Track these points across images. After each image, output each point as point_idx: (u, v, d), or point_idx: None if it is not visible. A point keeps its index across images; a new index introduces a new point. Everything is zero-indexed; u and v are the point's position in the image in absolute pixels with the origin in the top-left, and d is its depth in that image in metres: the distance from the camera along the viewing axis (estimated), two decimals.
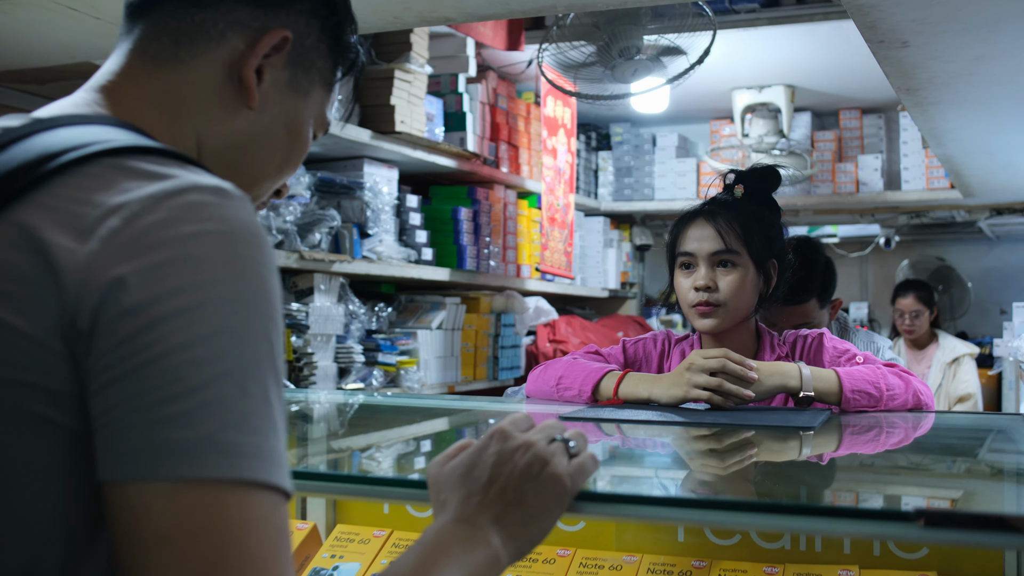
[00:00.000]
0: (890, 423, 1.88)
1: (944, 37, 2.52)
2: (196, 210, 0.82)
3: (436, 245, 4.51)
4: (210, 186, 0.85)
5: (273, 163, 1.11)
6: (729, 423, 1.72)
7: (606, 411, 1.87)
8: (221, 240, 0.81)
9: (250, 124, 1.06)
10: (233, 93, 1.04)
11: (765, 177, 2.22)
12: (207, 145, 1.04)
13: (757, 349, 2.21)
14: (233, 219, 0.83)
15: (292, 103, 1.10)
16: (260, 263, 0.83)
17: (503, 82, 5.06)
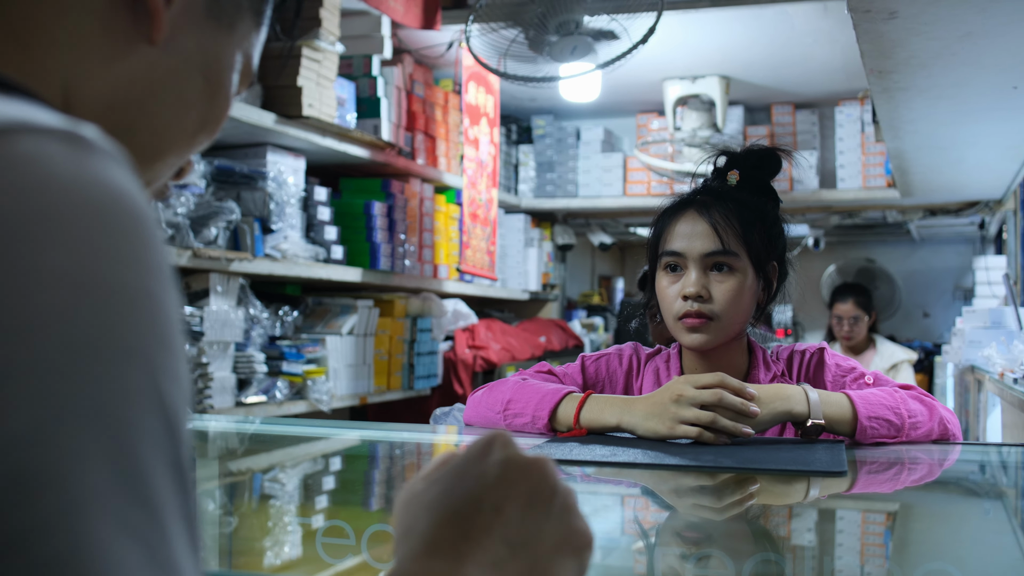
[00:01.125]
0: (915, 459, 1.55)
1: (938, 7, 2.23)
2: (21, 170, 0.47)
3: (347, 243, 4.10)
4: (51, 128, 0.49)
5: (184, 125, 0.73)
6: (735, 466, 1.36)
7: (572, 447, 1.49)
8: (71, 227, 0.47)
9: (150, 66, 0.68)
10: (124, 19, 0.66)
11: (764, 161, 1.85)
12: (82, 95, 0.66)
13: (749, 367, 1.85)
14: (94, 186, 0.48)
15: (212, 38, 0.73)
16: (141, 265, 0.49)
17: (420, 67, 4.67)
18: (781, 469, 1.35)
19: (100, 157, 0.50)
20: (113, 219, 0.48)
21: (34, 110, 0.51)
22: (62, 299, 0.45)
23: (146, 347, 0.48)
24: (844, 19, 4.13)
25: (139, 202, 0.50)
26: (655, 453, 1.43)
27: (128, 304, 0.48)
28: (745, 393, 1.55)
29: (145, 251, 0.49)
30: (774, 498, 1.37)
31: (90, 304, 0.46)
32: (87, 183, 0.48)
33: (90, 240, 0.47)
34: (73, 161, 0.48)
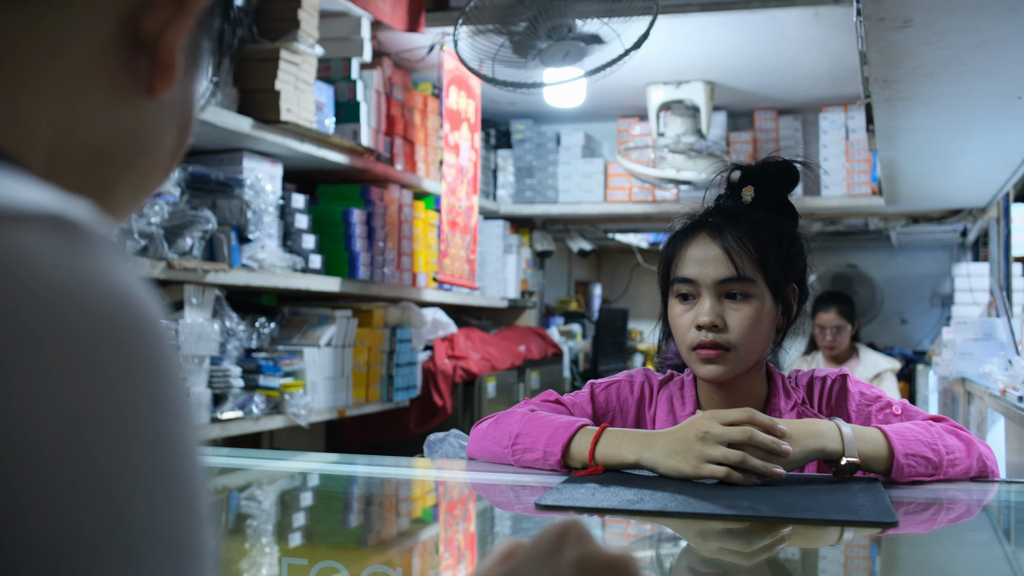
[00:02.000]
0: (954, 499, 1.45)
1: (955, 15, 2.14)
2: (2, 275, 0.37)
3: (325, 251, 3.97)
4: (35, 214, 0.40)
5: (157, 176, 0.64)
6: (776, 515, 1.26)
7: (594, 491, 1.38)
8: (68, 349, 0.38)
9: (143, 119, 0.59)
10: (126, 65, 0.56)
11: (780, 175, 1.73)
12: (69, 147, 0.55)
13: (768, 395, 1.74)
14: (93, 294, 0.40)
15: (187, 83, 0.63)
16: (152, 392, 0.40)
17: (398, 70, 4.54)
18: (827, 519, 1.25)
19: (95, 250, 0.40)
20: (118, 336, 0.38)
21: (11, 183, 0.39)
22: (59, 439, 0.35)
23: (158, 487, 0.38)
24: (835, 25, 4.07)
25: (145, 308, 0.40)
26: (685, 498, 1.32)
27: (136, 443, 0.38)
28: (776, 430, 1.45)
29: (155, 374, 0.40)
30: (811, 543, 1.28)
31: (93, 446, 0.36)
32: (85, 289, 0.38)
33: (92, 365, 0.37)
34: (66, 260, 0.38)
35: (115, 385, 0.37)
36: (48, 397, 0.35)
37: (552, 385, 5.80)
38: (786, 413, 1.70)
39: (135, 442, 0.38)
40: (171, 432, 0.40)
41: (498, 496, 1.46)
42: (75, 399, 0.36)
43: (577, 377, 6.22)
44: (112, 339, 0.38)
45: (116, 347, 0.38)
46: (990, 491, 1.53)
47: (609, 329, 6.54)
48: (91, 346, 0.37)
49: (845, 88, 5.01)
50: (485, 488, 1.52)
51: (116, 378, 0.38)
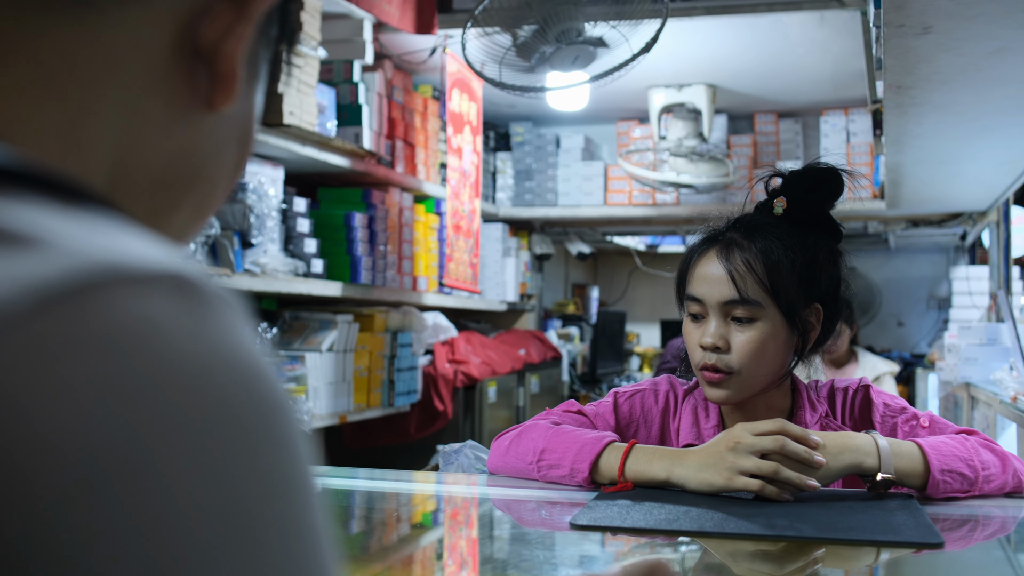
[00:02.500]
0: (989, 515, 1.43)
1: (975, 22, 2.12)
2: (127, 348, 0.34)
3: (326, 255, 3.93)
4: (152, 274, 0.36)
5: (221, 189, 0.59)
6: (820, 536, 1.23)
7: (628, 509, 1.35)
8: (204, 433, 0.34)
9: (205, 135, 0.54)
10: (185, 79, 0.52)
11: (821, 183, 1.65)
12: (131, 171, 0.51)
13: (793, 409, 1.71)
14: (221, 366, 0.36)
15: (247, 95, 0.59)
16: (287, 466, 0.37)
17: (398, 73, 4.51)
18: (871, 540, 1.23)
19: (220, 315, 0.36)
20: (254, 414, 0.35)
21: (121, 236, 0.36)
22: (203, 535, 0.32)
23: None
24: (840, 29, 4.05)
25: (273, 379, 0.37)
26: (722, 517, 1.30)
27: (280, 537, 0.35)
28: (809, 441, 1.42)
29: (291, 454, 0.37)
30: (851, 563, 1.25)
31: (238, 542, 0.33)
32: (217, 362, 0.35)
33: (232, 450, 0.34)
34: (194, 328, 0.35)
35: (257, 472, 0.34)
36: (187, 491, 0.32)
37: (551, 389, 5.77)
38: (811, 426, 1.66)
39: (274, 533, 0.35)
40: (309, 516, 0.37)
41: (528, 514, 1.44)
42: (215, 492, 0.33)
43: (575, 380, 6.20)
44: (250, 419, 0.35)
45: (254, 428, 0.35)
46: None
47: (607, 332, 6.52)
48: (231, 428, 0.34)
49: (847, 91, 4.99)
50: (511, 505, 1.50)
51: (257, 464, 0.35)
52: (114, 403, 0.32)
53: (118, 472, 0.31)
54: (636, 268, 7.31)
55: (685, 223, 5.92)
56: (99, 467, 0.31)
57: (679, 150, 4.94)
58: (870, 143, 5.16)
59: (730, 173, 5.10)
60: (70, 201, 0.38)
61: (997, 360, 3.94)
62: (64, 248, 0.34)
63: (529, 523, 1.40)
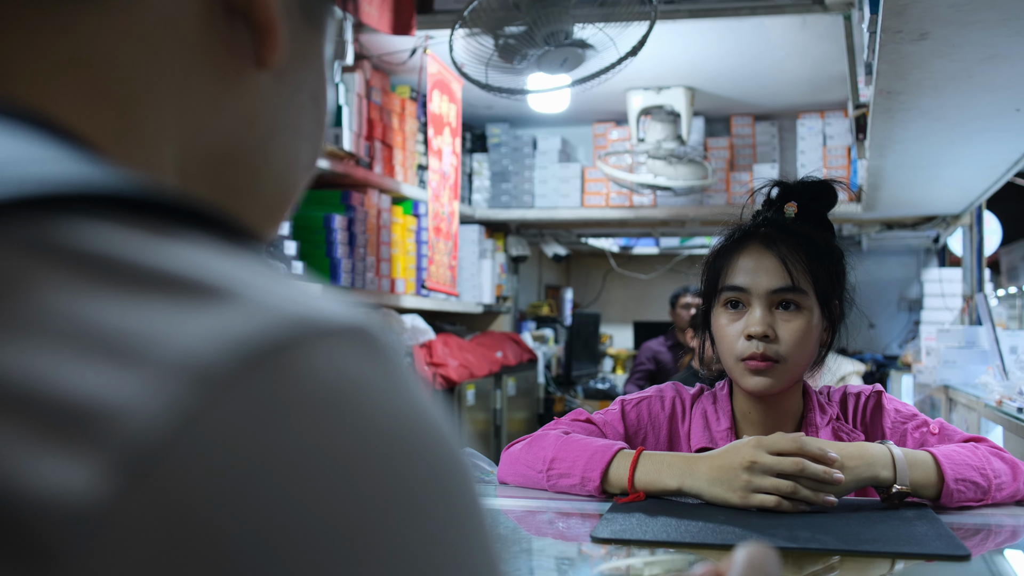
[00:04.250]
0: (1001, 524, 1.43)
1: (971, 29, 2.13)
2: (335, 410, 0.32)
3: (306, 258, 3.89)
4: (343, 327, 0.34)
5: (302, 162, 0.55)
6: (845, 548, 1.22)
7: (644, 522, 1.34)
8: (410, 504, 0.32)
9: (264, 98, 0.50)
10: (225, 41, 0.48)
11: (821, 194, 1.71)
12: (195, 155, 0.48)
13: (804, 411, 1.71)
14: (414, 429, 0.34)
15: (311, 46, 0.54)
16: (477, 528, 0.35)
17: (377, 73, 4.47)
18: (899, 552, 1.22)
19: (396, 366, 0.34)
20: (446, 476, 0.34)
21: (294, 283, 0.35)
22: None
23: None
24: (821, 33, 4.06)
25: (451, 433, 0.35)
26: (743, 531, 1.28)
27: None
28: (827, 458, 1.41)
29: (477, 514, 0.35)
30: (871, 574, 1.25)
31: None
32: (407, 421, 0.33)
33: (433, 515, 0.33)
34: (380, 384, 0.33)
35: (458, 533, 0.33)
36: (410, 561, 0.30)
37: (528, 391, 5.76)
38: (821, 428, 1.67)
39: None
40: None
41: (544, 527, 1.41)
42: (430, 559, 0.31)
43: (550, 382, 6.18)
44: (446, 480, 0.33)
45: (450, 489, 0.33)
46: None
47: (582, 334, 6.51)
48: (433, 491, 0.32)
49: (824, 95, 5.02)
50: (524, 517, 1.48)
51: (457, 526, 0.33)
52: (329, 473, 0.30)
53: (342, 546, 0.29)
54: (610, 270, 7.31)
55: (662, 225, 5.93)
56: (325, 539, 0.29)
57: (657, 152, 4.94)
58: (847, 146, 5.19)
59: (708, 175, 5.11)
60: (225, 238, 0.36)
61: (976, 363, 3.97)
62: (255, 301, 0.32)
63: (548, 535, 1.38)
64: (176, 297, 0.31)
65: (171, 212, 0.36)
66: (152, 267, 0.32)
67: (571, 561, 1.25)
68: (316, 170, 3.01)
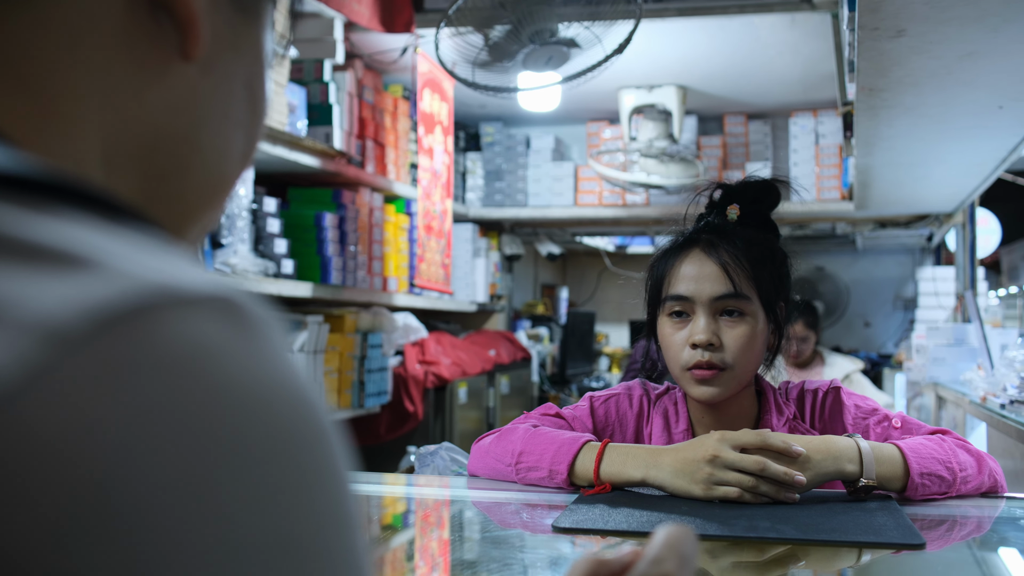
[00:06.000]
0: (967, 516, 1.44)
1: (949, 26, 2.14)
2: (186, 373, 0.33)
3: (297, 256, 3.91)
4: (200, 295, 0.35)
5: (236, 150, 0.56)
6: (803, 538, 1.23)
7: (607, 513, 1.35)
8: (258, 466, 0.34)
9: (191, 88, 0.52)
10: (148, 34, 0.49)
11: (763, 194, 1.71)
12: (121, 145, 0.49)
13: (760, 413, 1.72)
14: (274, 393, 0.35)
15: (244, 35, 0.55)
16: (334, 493, 0.36)
17: (369, 72, 4.48)
18: (855, 541, 1.23)
19: (263, 336, 0.36)
20: (303, 442, 0.35)
21: (163, 254, 0.36)
22: (257, 562, 0.31)
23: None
24: (810, 31, 4.07)
25: (319, 403, 0.37)
26: (704, 521, 1.30)
27: (328, 563, 0.35)
28: (791, 452, 1.42)
29: (337, 480, 0.36)
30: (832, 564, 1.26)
31: (290, 570, 0.33)
32: (267, 389, 0.34)
33: (282, 479, 0.34)
34: (240, 351, 0.34)
35: (308, 499, 0.34)
36: (251, 518, 0.32)
37: (521, 390, 5.77)
38: (778, 430, 1.67)
39: (328, 563, 0.34)
40: (354, 546, 0.36)
41: (509, 517, 1.43)
42: (273, 518, 0.32)
43: (545, 381, 6.19)
44: (301, 446, 0.34)
45: (306, 455, 0.34)
46: (1000, 507, 1.52)
47: (577, 333, 6.52)
48: (285, 456, 0.34)
49: (816, 93, 5.03)
50: (492, 508, 1.49)
51: (308, 492, 0.34)
52: (176, 430, 0.31)
53: (179, 498, 0.30)
54: (605, 269, 7.32)
55: (655, 224, 5.93)
56: (161, 492, 0.30)
57: (649, 151, 4.95)
58: (839, 144, 5.20)
59: (700, 174, 5.12)
60: (107, 215, 0.38)
61: (964, 360, 3.98)
62: (117, 269, 0.33)
63: (510, 526, 1.39)
64: (40, 265, 0.33)
65: (50, 190, 0.37)
66: (19, 238, 0.33)
67: (531, 549, 1.26)
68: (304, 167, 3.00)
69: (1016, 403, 2.72)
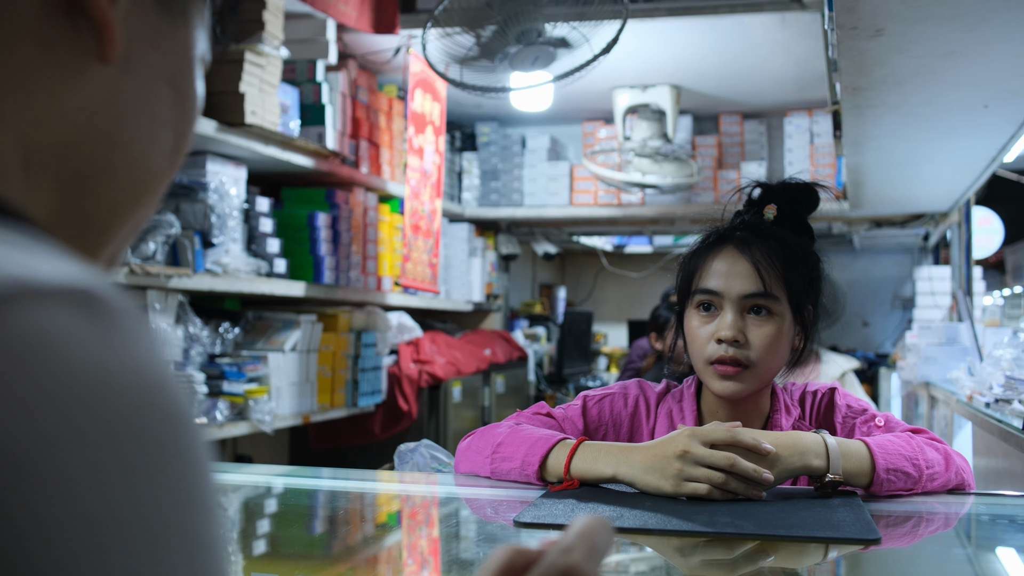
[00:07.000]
0: (933, 511, 1.45)
1: (926, 25, 2.14)
2: (28, 362, 0.34)
3: (290, 255, 3.92)
4: (57, 288, 0.37)
5: (162, 147, 0.57)
6: (759, 533, 1.25)
7: (570, 506, 1.36)
8: (105, 448, 0.35)
9: (110, 90, 0.53)
10: (66, 37, 0.50)
11: (802, 196, 1.70)
12: (37, 145, 0.50)
13: (772, 412, 1.73)
14: (125, 381, 0.36)
15: (169, 35, 0.57)
16: (183, 478, 0.38)
17: (364, 72, 4.50)
18: (809, 536, 1.24)
19: (119, 326, 0.37)
20: (151, 427, 0.36)
21: (28, 248, 0.37)
22: (93, 542, 0.33)
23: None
24: (801, 31, 4.08)
25: (175, 394, 0.38)
26: (665, 515, 1.31)
27: (169, 544, 0.36)
28: (760, 449, 1.43)
29: (188, 467, 0.38)
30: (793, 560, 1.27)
31: (128, 549, 0.34)
32: (117, 376, 0.35)
33: (126, 461, 0.35)
34: (95, 342, 0.35)
35: (149, 482, 0.35)
36: (81, 497, 0.33)
37: (517, 389, 5.78)
38: (786, 429, 1.68)
39: (168, 542, 0.36)
40: (202, 530, 0.37)
41: (476, 512, 1.44)
42: (109, 499, 0.34)
43: (542, 380, 6.21)
44: (146, 432, 0.36)
45: (150, 441, 0.36)
46: (966, 504, 1.53)
47: (574, 332, 6.53)
48: (126, 441, 0.35)
49: (810, 93, 5.03)
50: (461, 503, 1.50)
51: (150, 475, 0.35)
52: (12, 412, 0.32)
53: (14, 477, 0.31)
54: (603, 268, 7.33)
55: (651, 223, 5.94)
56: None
57: (643, 150, 4.96)
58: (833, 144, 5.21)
59: (694, 174, 5.13)
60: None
61: (956, 359, 3.98)
62: None
63: (475, 520, 1.40)
64: None
65: None
66: None
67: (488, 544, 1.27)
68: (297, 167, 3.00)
69: (1001, 402, 2.72)
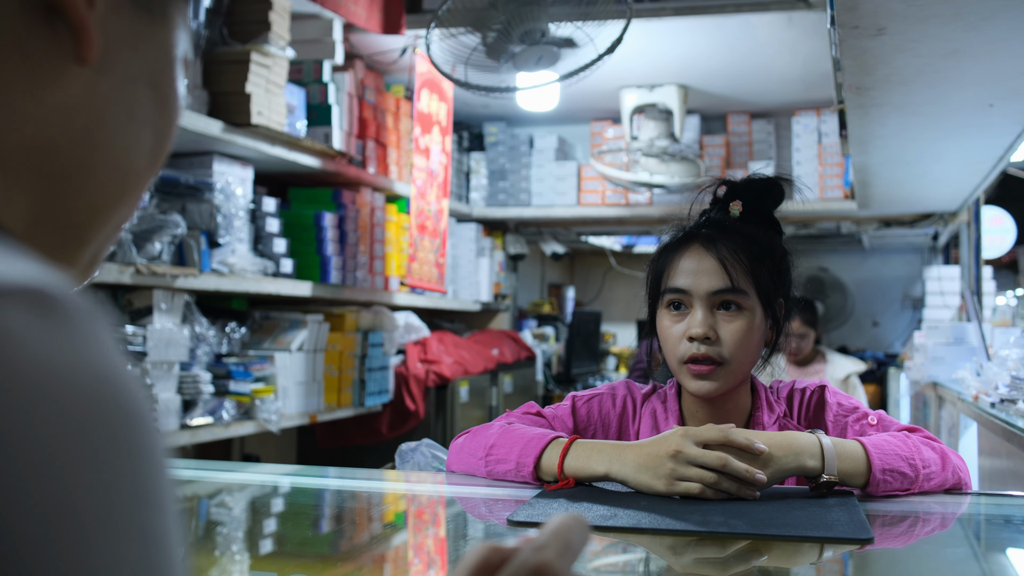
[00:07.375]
0: (930, 511, 1.45)
1: (929, 24, 2.14)
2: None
3: (296, 255, 3.93)
4: (15, 288, 0.37)
5: (142, 148, 0.58)
6: (752, 532, 1.24)
7: (565, 505, 1.36)
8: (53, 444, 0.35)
9: (88, 90, 0.53)
10: (43, 38, 0.51)
11: (767, 191, 1.72)
12: (13, 145, 0.51)
13: (752, 409, 1.73)
14: (77, 380, 0.37)
15: (147, 36, 0.57)
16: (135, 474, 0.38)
17: (371, 73, 4.51)
18: (802, 536, 1.24)
19: (79, 328, 0.37)
20: (104, 425, 0.37)
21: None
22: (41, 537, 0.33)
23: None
24: (808, 30, 4.07)
25: (130, 392, 0.38)
26: (658, 514, 1.31)
27: (119, 540, 0.37)
28: (753, 449, 1.43)
29: (140, 463, 0.38)
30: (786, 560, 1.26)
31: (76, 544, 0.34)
32: (69, 375, 0.36)
33: (77, 457, 0.35)
34: (48, 341, 0.36)
35: (100, 478, 0.36)
36: (30, 492, 0.33)
37: (525, 389, 5.78)
38: (768, 427, 1.69)
39: (118, 539, 0.36)
40: (154, 526, 0.38)
41: (470, 511, 1.44)
42: (58, 494, 0.34)
43: (550, 380, 6.20)
44: (98, 429, 0.36)
45: (102, 437, 0.36)
46: (963, 504, 1.52)
47: (582, 332, 6.53)
48: (76, 437, 0.35)
49: (818, 92, 5.02)
50: (456, 502, 1.50)
51: (101, 471, 0.36)
52: None
53: None
54: (611, 268, 7.33)
55: (658, 223, 5.92)
56: None
57: (651, 150, 4.96)
58: None
59: (702, 173, 5.12)
60: None
61: (963, 359, 3.97)
62: None
63: (470, 519, 1.40)
64: None
65: None
66: None
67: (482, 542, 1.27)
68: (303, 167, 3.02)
69: (1006, 402, 2.72)
